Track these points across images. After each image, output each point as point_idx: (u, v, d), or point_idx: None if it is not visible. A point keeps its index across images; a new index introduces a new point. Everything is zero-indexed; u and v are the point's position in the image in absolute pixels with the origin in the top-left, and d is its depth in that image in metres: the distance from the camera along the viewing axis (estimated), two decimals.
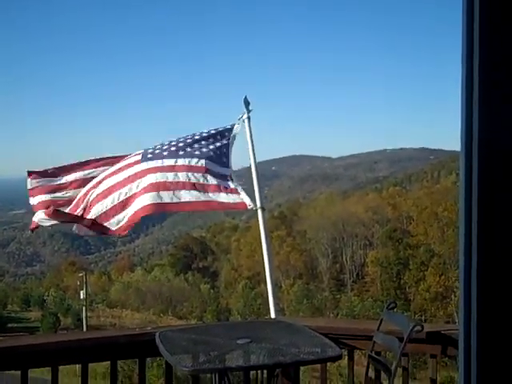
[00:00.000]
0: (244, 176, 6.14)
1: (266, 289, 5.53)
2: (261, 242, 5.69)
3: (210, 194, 5.70)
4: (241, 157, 6.28)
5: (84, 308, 45.06)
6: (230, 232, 79.09)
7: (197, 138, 6.16)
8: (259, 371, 3.95)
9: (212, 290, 62.60)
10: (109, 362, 4.06)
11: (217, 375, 3.59)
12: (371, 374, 4.14)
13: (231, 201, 5.68)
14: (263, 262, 5.56)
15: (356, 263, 62.10)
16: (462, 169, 1.03)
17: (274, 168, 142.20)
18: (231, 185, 5.77)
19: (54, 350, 3.92)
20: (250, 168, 6.02)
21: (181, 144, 6.06)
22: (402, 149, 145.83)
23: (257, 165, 6.06)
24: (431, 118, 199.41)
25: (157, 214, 6.18)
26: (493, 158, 0.99)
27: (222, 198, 5.70)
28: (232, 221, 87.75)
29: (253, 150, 6.06)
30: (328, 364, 4.59)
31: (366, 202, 69.41)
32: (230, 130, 6.20)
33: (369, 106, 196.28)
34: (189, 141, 6.11)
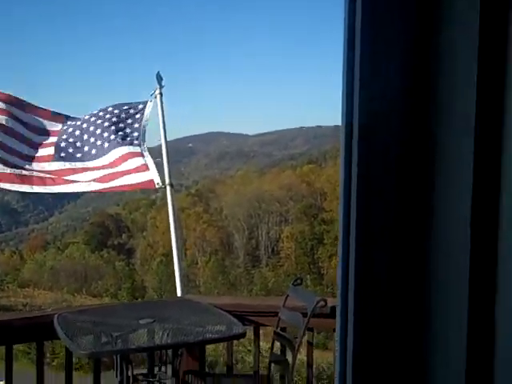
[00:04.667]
0: (158, 152, 6.10)
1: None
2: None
3: (119, 179, 5.73)
4: (157, 133, 6.25)
5: None
6: (147, 209, 78.19)
7: (106, 124, 6.15)
8: (164, 350, 3.90)
9: (127, 268, 61.80)
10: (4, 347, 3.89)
11: (118, 357, 3.51)
12: (277, 350, 4.17)
13: (139, 180, 5.70)
14: (171, 240, 5.52)
15: (271, 239, 62.83)
16: (342, 153, 1.06)
17: (190, 145, 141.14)
18: (142, 161, 5.77)
19: None
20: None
21: (92, 139, 6.09)
22: (318, 126, 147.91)
23: (167, 142, 6.02)
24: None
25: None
26: (371, 143, 1.01)
27: (131, 179, 5.71)
28: (148, 197, 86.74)
29: (164, 126, 6.03)
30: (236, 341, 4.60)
31: (281, 180, 70.14)
32: (143, 107, 6.21)
33: (286, 83, 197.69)
34: (98, 131, 6.11)
